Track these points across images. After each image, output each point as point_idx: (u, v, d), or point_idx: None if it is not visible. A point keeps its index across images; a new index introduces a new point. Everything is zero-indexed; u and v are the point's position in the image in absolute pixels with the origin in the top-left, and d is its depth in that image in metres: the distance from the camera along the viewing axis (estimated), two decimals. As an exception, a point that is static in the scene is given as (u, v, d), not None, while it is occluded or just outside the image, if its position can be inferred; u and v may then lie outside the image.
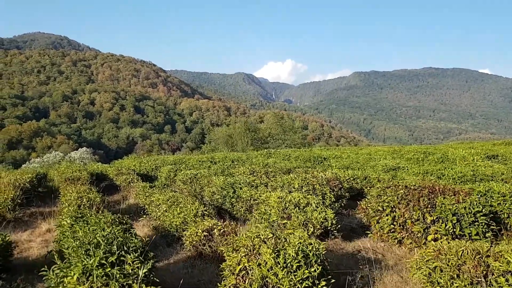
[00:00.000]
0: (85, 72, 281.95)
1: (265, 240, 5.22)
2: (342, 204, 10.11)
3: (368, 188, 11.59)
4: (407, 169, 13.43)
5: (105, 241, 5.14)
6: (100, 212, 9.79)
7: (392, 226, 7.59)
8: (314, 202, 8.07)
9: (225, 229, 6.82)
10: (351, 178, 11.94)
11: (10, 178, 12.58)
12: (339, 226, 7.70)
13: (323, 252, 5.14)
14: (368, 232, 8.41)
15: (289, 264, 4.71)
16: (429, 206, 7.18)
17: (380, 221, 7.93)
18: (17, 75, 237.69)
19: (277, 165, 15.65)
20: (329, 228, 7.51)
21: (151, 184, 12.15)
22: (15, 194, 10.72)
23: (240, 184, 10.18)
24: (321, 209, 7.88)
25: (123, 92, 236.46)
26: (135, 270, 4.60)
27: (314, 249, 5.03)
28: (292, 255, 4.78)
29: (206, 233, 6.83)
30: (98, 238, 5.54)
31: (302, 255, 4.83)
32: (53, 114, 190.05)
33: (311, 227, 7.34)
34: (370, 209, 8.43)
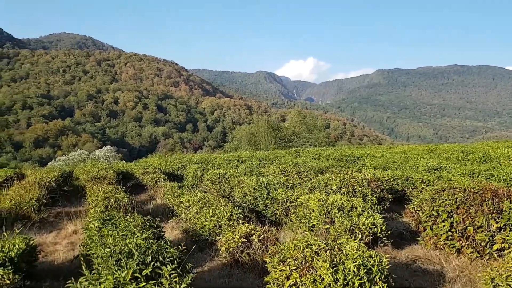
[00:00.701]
0: (109, 71, 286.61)
1: (318, 251, 4.56)
2: (385, 207, 9.34)
3: (411, 189, 10.76)
4: (450, 169, 12.52)
5: (139, 250, 4.58)
6: (129, 213, 9.34)
7: (449, 233, 6.80)
8: (359, 206, 7.34)
9: (265, 235, 6.18)
10: (391, 179, 11.13)
11: (36, 177, 12.30)
12: (388, 232, 6.96)
13: (387, 266, 4.44)
14: (418, 238, 7.65)
15: (350, 282, 4.03)
16: (494, 211, 6.38)
17: (434, 227, 7.15)
18: (43, 74, 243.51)
19: (308, 165, 14.94)
20: (378, 234, 6.79)
21: (179, 184, 11.64)
22: (40, 193, 10.37)
23: (275, 185, 9.53)
24: (368, 213, 7.16)
25: (146, 91, 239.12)
26: (172, 285, 4.01)
27: (376, 263, 4.35)
28: (353, 271, 4.11)
29: (244, 239, 6.21)
30: (130, 246, 5.01)
31: (364, 270, 4.15)
32: (78, 113, 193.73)
33: (358, 234, 6.64)
34: (421, 214, 7.66)
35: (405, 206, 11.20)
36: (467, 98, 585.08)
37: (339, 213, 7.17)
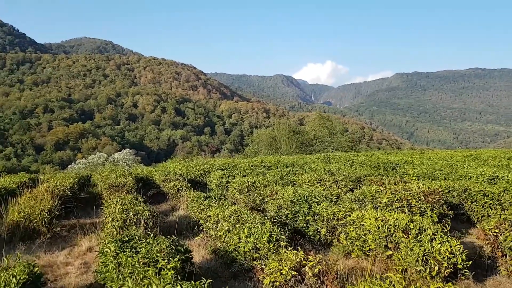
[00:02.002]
0: (129, 75, 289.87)
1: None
2: (446, 225, 7.98)
3: (469, 203, 9.34)
4: (508, 180, 11.03)
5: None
6: (149, 228, 8.23)
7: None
8: (430, 227, 6.01)
9: (321, 267, 4.94)
10: (445, 191, 9.73)
11: (49, 184, 11.32)
12: (469, 262, 5.62)
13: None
14: (499, 267, 6.30)
15: None
16: None
17: (525, 256, 5.80)
18: (64, 78, 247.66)
19: (343, 172, 13.62)
20: (458, 266, 5.47)
21: (204, 193, 10.49)
22: (52, 204, 9.33)
23: (316, 198, 8.25)
24: (442, 237, 5.83)
25: (165, 95, 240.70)
26: None
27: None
28: None
29: (294, 272, 4.98)
30: (154, 285, 3.86)
31: None
32: (98, 116, 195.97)
33: (434, 265, 5.34)
34: (500, 236, 6.30)
35: (462, 222, 9.82)
36: (488, 102, 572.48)
37: (405, 236, 5.87)
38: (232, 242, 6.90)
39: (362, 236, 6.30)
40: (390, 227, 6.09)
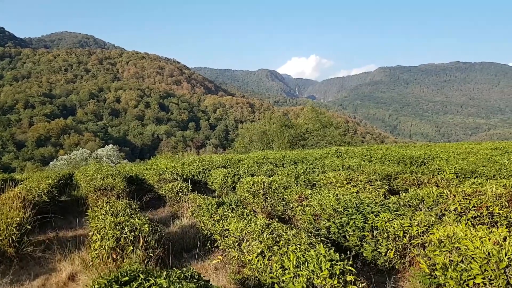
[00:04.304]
0: (111, 70, 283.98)
1: None
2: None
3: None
4: None
5: None
6: (151, 249, 6.25)
7: None
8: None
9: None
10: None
11: (21, 189, 9.20)
12: None
13: None
14: None
15: None
16: None
17: None
18: (45, 73, 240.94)
19: (367, 169, 11.81)
20: None
21: (216, 198, 8.51)
22: (22, 216, 7.26)
23: (370, 206, 6.38)
24: None
25: (148, 90, 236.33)
26: None
27: None
28: None
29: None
30: None
31: None
32: (80, 112, 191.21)
33: None
34: None
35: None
36: (469, 95, 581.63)
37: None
38: (271, 272, 4.99)
39: (461, 265, 4.48)
40: (503, 256, 4.27)
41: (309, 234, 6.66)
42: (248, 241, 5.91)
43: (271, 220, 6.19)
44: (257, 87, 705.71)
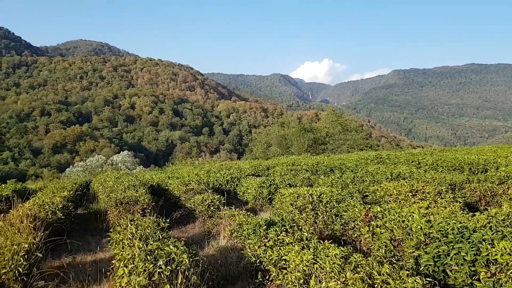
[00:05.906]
0: (125, 77, 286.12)
1: None
2: None
3: None
4: None
5: None
6: (192, 287, 4.88)
7: None
8: None
9: None
10: None
11: (32, 205, 7.92)
12: None
13: None
14: None
15: None
16: None
17: None
18: (61, 81, 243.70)
19: (421, 177, 10.28)
20: None
21: (265, 218, 7.09)
22: (32, 241, 5.95)
23: (477, 231, 4.88)
24: None
25: (162, 96, 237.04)
26: None
27: None
28: None
29: None
30: None
31: None
32: (95, 119, 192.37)
33: None
34: None
35: None
36: (485, 97, 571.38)
37: None
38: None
39: None
40: None
41: (393, 265, 5.22)
42: (320, 279, 4.49)
43: (342, 248, 4.77)
44: (270, 91, 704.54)
